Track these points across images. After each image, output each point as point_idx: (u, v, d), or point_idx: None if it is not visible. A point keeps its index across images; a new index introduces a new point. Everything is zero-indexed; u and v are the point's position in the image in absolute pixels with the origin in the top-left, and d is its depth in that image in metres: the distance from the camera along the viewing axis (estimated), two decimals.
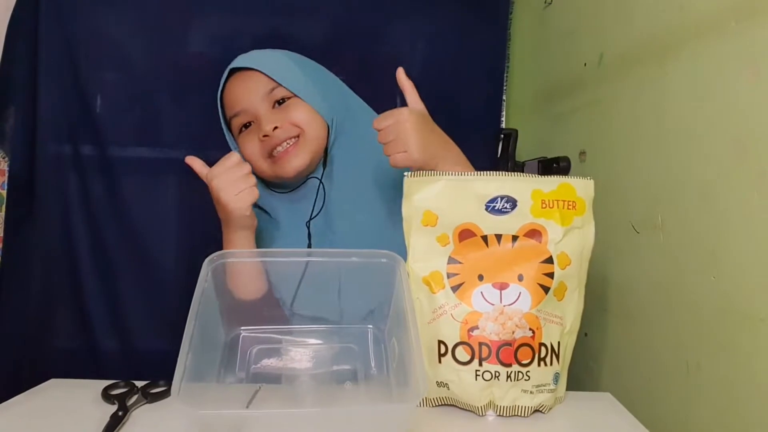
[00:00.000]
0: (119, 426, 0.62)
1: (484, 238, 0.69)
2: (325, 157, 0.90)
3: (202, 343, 0.58)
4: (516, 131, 1.29)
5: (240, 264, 0.73)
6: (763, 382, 0.60)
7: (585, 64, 1.02)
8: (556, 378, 0.70)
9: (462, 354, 0.68)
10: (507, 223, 0.69)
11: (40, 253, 1.24)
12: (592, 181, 0.72)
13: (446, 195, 0.70)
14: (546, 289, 0.69)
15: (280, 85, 0.88)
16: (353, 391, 0.65)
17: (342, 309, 0.74)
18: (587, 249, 0.72)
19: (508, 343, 0.67)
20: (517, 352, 0.67)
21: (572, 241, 0.70)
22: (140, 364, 1.26)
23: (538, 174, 1.09)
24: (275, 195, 0.92)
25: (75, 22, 1.24)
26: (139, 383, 0.72)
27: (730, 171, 0.65)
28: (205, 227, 1.24)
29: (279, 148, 0.86)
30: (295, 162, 0.86)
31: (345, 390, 0.65)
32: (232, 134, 0.92)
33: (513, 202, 0.69)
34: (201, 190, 1.29)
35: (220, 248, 0.89)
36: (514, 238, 0.69)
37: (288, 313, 0.75)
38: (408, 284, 0.64)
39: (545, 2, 1.23)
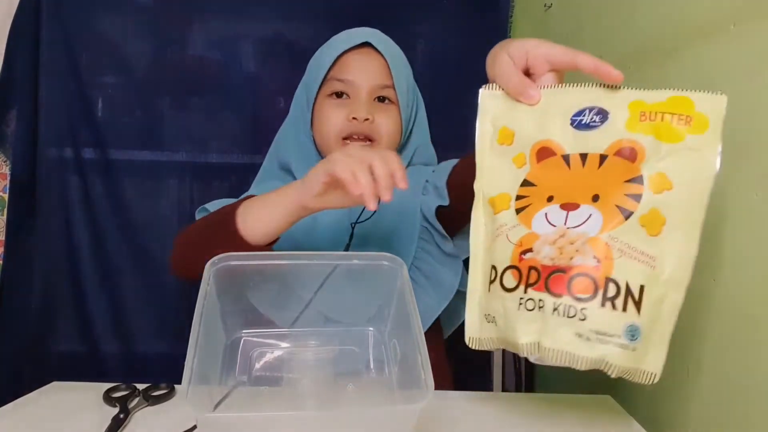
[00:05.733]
0: (121, 428, 0.63)
1: (566, 157, 0.57)
2: None
3: (206, 346, 0.58)
4: None
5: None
6: (763, 384, 0.60)
7: None
8: (633, 332, 0.52)
9: (509, 279, 0.56)
10: (595, 140, 0.56)
11: (42, 256, 1.25)
12: (724, 97, 0.54)
13: (526, 109, 0.60)
14: (628, 214, 0.53)
15: (393, 87, 0.89)
16: (355, 393, 0.66)
17: (344, 311, 0.74)
18: (706, 179, 0.53)
19: (562, 270, 0.53)
20: (572, 282, 0.53)
21: (680, 162, 0.54)
22: (142, 367, 1.27)
23: None
24: None
25: (76, 25, 1.25)
26: (141, 386, 0.72)
27: (730, 173, 0.65)
28: None
29: (354, 137, 0.87)
30: None
31: (347, 392, 0.66)
32: (317, 92, 0.91)
33: (604, 115, 0.56)
34: (202, 193, 1.31)
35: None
36: (603, 157, 0.55)
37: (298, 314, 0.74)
38: (410, 287, 0.64)
39: (545, 6, 1.23)
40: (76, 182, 1.27)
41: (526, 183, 0.59)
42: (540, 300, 0.54)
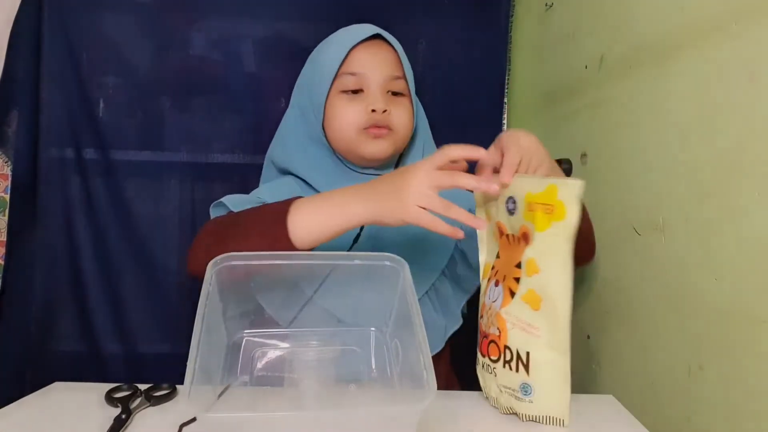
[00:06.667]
0: (122, 429, 0.63)
1: (508, 237, 0.71)
2: (397, 163, 0.93)
3: (207, 346, 0.58)
4: None
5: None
6: (765, 384, 0.60)
7: (586, 67, 1.02)
8: (526, 389, 0.66)
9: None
10: (514, 223, 0.69)
11: (43, 257, 1.25)
12: (579, 182, 0.63)
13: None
14: (513, 294, 0.68)
15: (405, 78, 0.90)
16: (357, 393, 0.66)
17: (353, 311, 0.74)
18: (564, 260, 0.64)
19: (486, 336, 0.71)
20: (489, 347, 0.70)
21: (544, 248, 0.65)
22: (143, 367, 1.27)
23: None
24: (347, 172, 0.91)
25: (78, 26, 1.25)
26: (143, 386, 0.72)
27: (730, 172, 0.66)
28: None
29: (375, 129, 0.87)
30: (378, 148, 0.87)
31: (349, 392, 0.66)
32: (329, 90, 0.89)
33: (515, 203, 0.69)
34: (204, 194, 1.31)
35: None
36: (518, 239, 0.69)
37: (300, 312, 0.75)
38: (412, 287, 0.64)
39: (546, 5, 1.23)
40: (77, 183, 1.27)
41: (498, 255, 0.73)
42: (478, 358, 0.73)
